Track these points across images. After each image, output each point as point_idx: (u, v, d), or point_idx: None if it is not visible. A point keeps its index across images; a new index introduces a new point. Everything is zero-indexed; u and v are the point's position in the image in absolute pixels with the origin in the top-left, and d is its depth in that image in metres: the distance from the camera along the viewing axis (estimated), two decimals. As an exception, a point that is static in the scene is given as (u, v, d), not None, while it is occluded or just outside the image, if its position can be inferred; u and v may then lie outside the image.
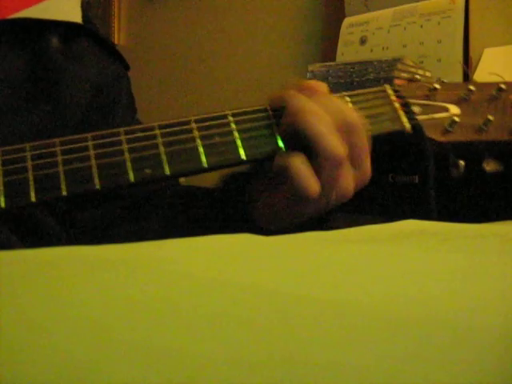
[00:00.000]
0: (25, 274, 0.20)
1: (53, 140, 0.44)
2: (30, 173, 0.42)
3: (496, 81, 0.55)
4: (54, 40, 0.60)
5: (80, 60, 0.63)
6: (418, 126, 0.51)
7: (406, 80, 0.56)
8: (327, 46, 1.52)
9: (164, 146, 0.46)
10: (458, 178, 0.51)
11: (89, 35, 0.65)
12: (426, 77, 1.06)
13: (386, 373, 0.13)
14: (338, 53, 1.39)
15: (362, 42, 1.35)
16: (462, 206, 0.79)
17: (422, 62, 1.20)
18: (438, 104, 0.53)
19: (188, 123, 0.47)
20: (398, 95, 0.53)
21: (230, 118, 0.48)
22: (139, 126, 0.47)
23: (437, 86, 0.54)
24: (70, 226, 0.59)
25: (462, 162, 0.51)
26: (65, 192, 0.42)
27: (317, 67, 1.20)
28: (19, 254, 0.25)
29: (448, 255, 0.27)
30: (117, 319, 0.15)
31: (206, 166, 0.46)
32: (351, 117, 0.47)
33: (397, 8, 1.30)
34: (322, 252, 0.28)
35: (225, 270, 0.22)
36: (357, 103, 0.51)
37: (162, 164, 0.45)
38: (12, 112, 0.56)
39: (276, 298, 0.18)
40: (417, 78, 0.55)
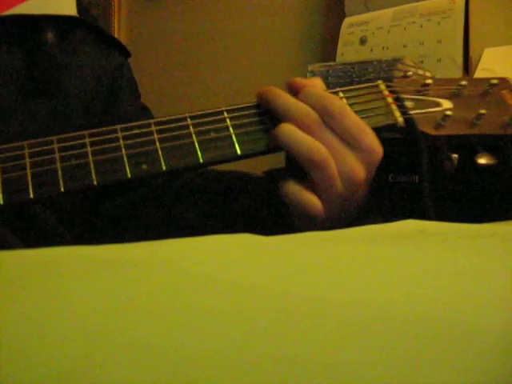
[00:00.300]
0: (25, 274, 0.20)
1: (50, 138, 0.45)
2: (28, 170, 0.43)
3: (487, 76, 0.56)
4: (50, 35, 0.60)
5: (77, 53, 0.63)
6: (410, 120, 0.52)
7: (400, 76, 0.56)
8: (327, 46, 1.52)
9: (160, 142, 0.47)
10: (452, 172, 0.52)
11: (85, 27, 0.65)
12: (426, 77, 1.06)
13: (386, 373, 0.13)
14: (338, 53, 1.39)
15: (362, 42, 1.35)
16: (456, 199, 0.79)
17: (422, 62, 1.20)
18: (430, 99, 0.54)
19: (184, 120, 0.48)
20: (391, 90, 0.54)
21: (224, 114, 0.49)
22: (135, 123, 0.47)
23: (429, 82, 0.54)
24: (74, 224, 0.59)
25: (456, 156, 0.52)
26: (63, 188, 0.43)
27: (317, 67, 1.20)
28: (19, 254, 0.25)
29: (448, 255, 0.27)
30: (117, 319, 0.15)
31: (201, 161, 0.47)
32: (330, 101, 0.48)
33: (397, 8, 1.30)
34: (322, 252, 0.28)
35: (225, 270, 0.22)
36: (350, 98, 0.52)
37: (159, 160, 0.46)
38: (12, 110, 0.56)
39: (276, 297, 0.18)
40: (409, 74, 0.55)
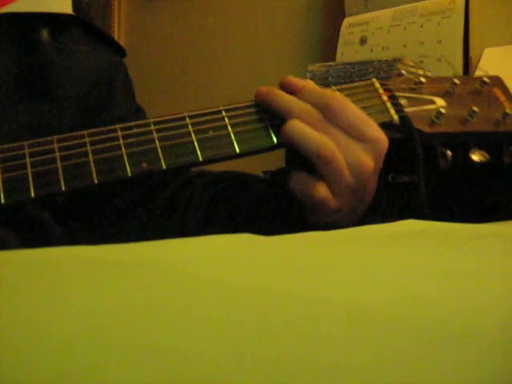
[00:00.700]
0: (25, 274, 0.20)
1: (50, 137, 0.45)
2: (29, 169, 0.43)
3: (479, 75, 0.57)
4: (45, 33, 0.60)
5: (72, 52, 0.62)
6: (405, 118, 0.53)
7: (394, 75, 0.57)
8: (327, 46, 1.52)
9: (160, 140, 0.47)
10: (446, 168, 0.52)
11: (80, 25, 0.64)
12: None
13: (386, 372, 0.13)
14: (338, 53, 1.39)
15: (362, 42, 1.35)
16: (451, 195, 0.80)
17: (422, 62, 1.20)
18: (424, 97, 0.54)
19: (182, 119, 0.49)
20: (386, 88, 0.54)
21: (223, 113, 0.49)
22: (135, 123, 0.48)
23: (422, 80, 0.55)
24: (73, 222, 0.59)
25: (450, 152, 0.52)
26: (63, 187, 0.43)
27: (317, 67, 1.20)
28: (19, 254, 0.25)
29: (448, 255, 0.27)
30: (117, 319, 0.15)
31: (200, 159, 0.47)
32: (331, 97, 0.49)
33: (397, 8, 1.30)
34: (322, 252, 0.28)
35: (225, 271, 0.22)
36: (346, 97, 0.52)
37: (159, 158, 0.46)
38: (5, 110, 0.55)
39: (276, 298, 0.18)
40: (402, 72, 0.56)
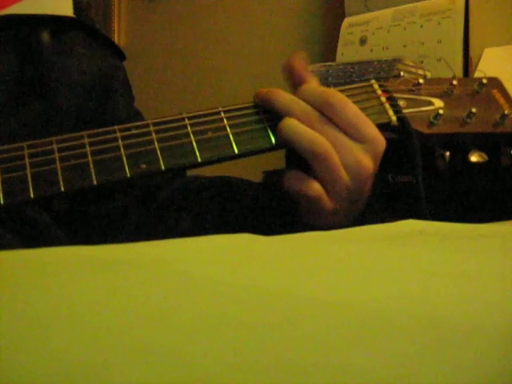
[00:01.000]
0: (25, 273, 0.20)
1: (49, 138, 0.45)
2: (28, 170, 0.43)
3: (478, 76, 0.57)
4: (45, 35, 0.60)
5: (72, 55, 0.62)
6: (404, 119, 0.53)
7: (392, 76, 0.57)
8: (327, 46, 1.52)
9: (159, 141, 0.47)
10: (445, 169, 0.53)
11: (81, 28, 0.64)
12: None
13: (387, 373, 0.13)
14: (338, 53, 1.39)
15: (362, 42, 1.35)
16: (450, 196, 0.80)
17: (422, 62, 1.20)
18: (422, 98, 0.55)
19: (181, 120, 0.49)
20: (384, 90, 0.55)
21: (222, 114, 0.50)
22: (134, 124, 0.48)
23: (421, 81, 0.55)
24: (75, 221, 0.59)
25: (448, 153, 0.52)
26: (63, 188, 0.43)
27: (317, 67, 1.20)
28: (19, 254, 0.25)
29: (448, 255, 0.27)
30: (117, 319, 0.15)
31: (199, 160, 0.47)
32: (331, 95, 0.49)
33: (397, 8, 1.30)
34: (322, 252, 0.28)
35: (225, 270, 0.22)
36: None
37: (158, 159, 0.46)
38: (4, 110, 0.56)
39: (276, 298, 0.18)
40: (401, 74, 0.56)
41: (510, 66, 1.10)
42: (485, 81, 0.55)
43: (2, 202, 0.42)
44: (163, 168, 0.46)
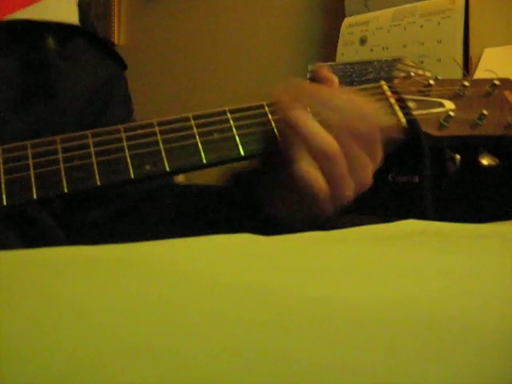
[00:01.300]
0: (25, 273, 0.20)
1: (53, 138, 0.45)
2: (32, 170, 0.43)
3: (490, 77, 0.56)
4: (51, 41, 0.60)
5: (76, 61, 0.63)
6: (413, 121, 0.52)
7: (402, 77, 0.56)
8: (327, 46, 1.52)
9: (163, 142, 0.46)
10: (455, 173, 0.52)
11: (85, 35, 0.65)
12: (426, 77, 1.07)
13: (384, 373, 0.13)
14: (338, 53, 1.39)
15: (362, 42, 1.35)
16: (459, 200, 0.79)
17: (422, 62, 1.20)
18: (432, 99, 0.53)
19: (187, 120, 0.48)
20: (394, 91, 0.53)
21: (228, 115, 0.48)
22: (138, 123, 0.47)
23: (431, 82, 0.54)
24: (69, 226, 0.59)
25: (458, 156, 0.52)
26: (66, 189, 0.43)
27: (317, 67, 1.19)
28: (19, 254, 0.25)
29: (448, 255, 0.27)
30: (116, 319, 0.15)
31: (205, 162, 0.46)
32: (354, 110, 0.48)
33: (397, 8, 1.30)
34: (322, 252, 0.28)
35: (225, 270, 0.22)
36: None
37: (162, 160, 0.46)
38: (7, 113, 0.56)
39: (276, 298, 0.18)
40: (411, 74, 0.55)
41: (510, 66, 1.10)
42: (497, 82, 0.54)
43: (5, 202, 0.42)
44: (168, 169, 0.45)
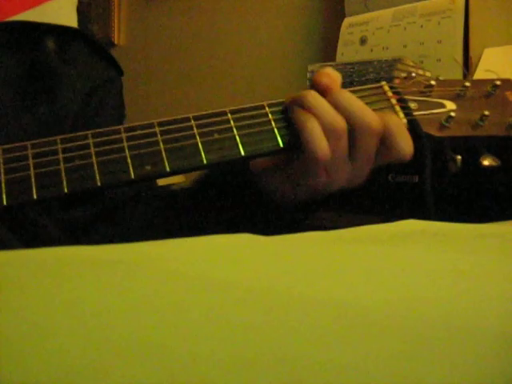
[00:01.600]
0: (25, 273, 0.20)
1: (54, 138, 0.45)
2: (32, 170, 0.43)
3: (491, 77, 0.56)
4: (50, 43, 0.61)
5: (75, 63, 0.63)
6: (414, 122, 0.52)
7: (403, 77, 0.56)
8: (327, 46, 1.52)
9: (164, 143, 0.46)
10: (456, 173, 0.52)
11: (84, 39, 0.65)
12: (426, 77, 1.07)
13: (385, 373, 0.13)
14: (338, 53, 1.39)
15: (362, 41, 1.34)
16: (460, 200, 0.79)
17: (422, 62, 1.20)
18: (434, 100, 0.53)
19: (187, 120, 0.48)
20: (395, 91, 0.54)
21: (228, 115, 0.48)
22: (139, 124, 0.47)
23: (432, 83, 0.54)
24: (64, 226, 0.59)
25: (459, 157, 0.52)
26: (66, 189, 0.43)
27: (317, 67, 1.19)
28: (19, 254, 0.25)
29: (448, 255, 0.27)
30: (117, 319, 0.15)
31: (205, 162, 0.46)
32: (363, 117, 0.49)
33: (397, 8, 1.30)
34: (322, 252, 0.28)
35: (225, 270, 0.22)
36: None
37: (163, 161, 0.46)
38: (8, 114, 0.56)
39: (276, 297, 0.18)
40: (412, 75, 0.55)
41: (510, 66, 1.10)
42: (498, 82, 0.54)
43: (5, 202, 0.42)
44: (168, 169, 0.45)
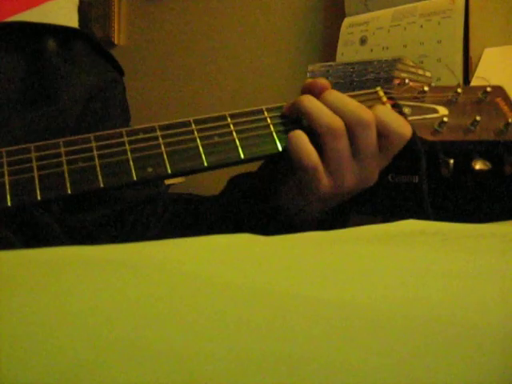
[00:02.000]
0: (25, 273, 0.20)
1: (57, 140, 0.46)
2: (36, 172, 0.44)
3: (482, 84, 0.58)
4: (51, 43, 0.61)
5: (76, 63, 0.63)
6: None
7: (397, 84, 0.58)
8: (327, 46, 1.52)
9: (165, 145, 0.48)
10: (448, 177, 0.53)
11: (85, 39, 0.65)
12: (426, 77, 1.07)
13: (385, 373, 0.13)
14: (338, 53, 1.39)
15: (362, 41, 1.34)
16: (453, 203, 0.80)
17: (422, 62, 1.20)
18: (427, 105, 0.55)
19: (188, 124, 0.49)
20: (389, 97, 0.55)
21: (228, 120, 0.50)
22: (141, 127, 0.48)
23: (425, 89, 0.56)
24: (69, 227, 0.59)
25: (452, 161, 0.53)
26: (69, 190, 0.44)
27: (317, 67, 1.19)
28: (19, 254, 0.25)
29: (448, 255, 0.27)
30: (117, 319, 0.15)
31: (206, 164, 0.48)
32: (359, 114, 0.50)
33: (397, 8, 1.30)
34: (322, 252, 0.28)
35: (225, 270, 0.22)
36: None
37: (164, 163, 0.47)
38: (11, 114, 0.56)
39: (276, 297, 0.18)
40: (406, 81, 0.56)
41: (509, 66, 1.10)
42: (489, 89, 0.56)
43: (9, 203, 0.42)
44: (169, 172, 0.47)
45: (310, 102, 0.50)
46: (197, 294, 0.19)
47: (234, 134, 0.49)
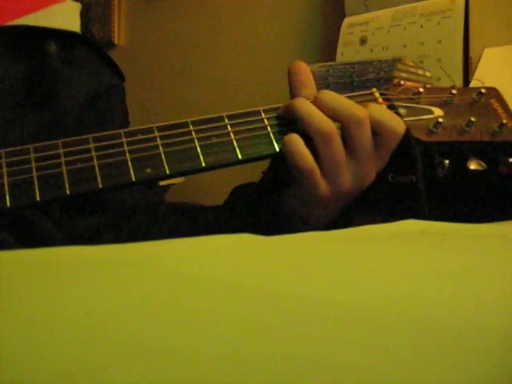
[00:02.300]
0: (25, 274, 0.20)
1: (55, 142, 0.46)
2: (34, 173, 0.44)
3: (477, 86, 0.58)
4: (53, 47, 0.61)
5: (77, 67, 0.63)
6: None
7: (392, 85, 0.58)
8: (327, 46, 1.52)
9: (163, 146, 0.48)
10: (444, 177, 0.54)
11: (86, 44, 0.65)
12: (426, 77, 1.07)
13: (385, 373, 0.13)
14: (338, 53, 1.39)
15: (362, 42, 1.35)
16: (449, 203, 0.81)
17: (422, 62, 1.20)
18: (422, 107, 0.56)
19: (186, 125, 0.50)
20: (385, 98, 0.56)
21: (225, 121, 0.51)
22: (139, 128, 0.48)
23: (421, 90, 0.57)
24: (68, 232, 0.59)
25: (447, 161, 0.53)
26: (68, 191, 0.44)
27: (317, 67, 1.19)
28: (19, 254, 0.25)
29: (448, 255, 0.27)
30: (117, 319, 0.15)
31: (203, 165, 0.48)
32: (353, 111, 0.50)
33: (397, 8, 1.30)
34: (322, 252, 0.28)
35: (225, 270, 0.22)
36: None
37: (162, 164, 0.47)
38: (11, 116, 0.56)
39: (276, 297, 0.18)
40: (401, 83, 0.57)
41: (510, 66, 1.10)
42: (483, 90, 0.57)
43: (8, 204, 0.42)
44: (168, 172, 0.47)
45: (301, 107, 0.50)
46: (197, 293, 0.19)
47: (232, 134, 0.50)
